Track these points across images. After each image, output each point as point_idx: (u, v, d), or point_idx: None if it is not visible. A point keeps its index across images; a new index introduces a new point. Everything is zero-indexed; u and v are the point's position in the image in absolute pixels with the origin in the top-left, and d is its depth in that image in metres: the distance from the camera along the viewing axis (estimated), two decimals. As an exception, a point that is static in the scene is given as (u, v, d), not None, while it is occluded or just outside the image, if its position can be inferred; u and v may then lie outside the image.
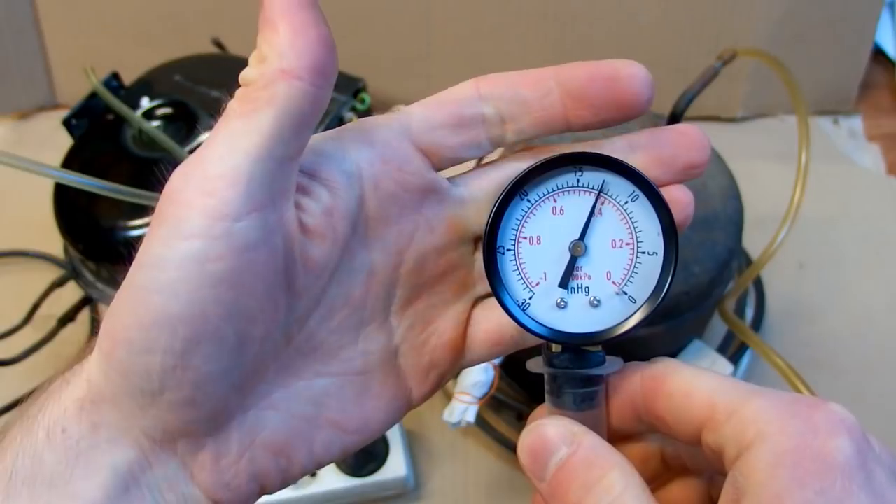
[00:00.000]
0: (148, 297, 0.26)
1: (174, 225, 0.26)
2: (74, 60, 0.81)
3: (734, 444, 0.27)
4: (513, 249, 0.32)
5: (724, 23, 0.82)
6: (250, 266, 0.27)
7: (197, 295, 0.26)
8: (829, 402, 0.27)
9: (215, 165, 0.26)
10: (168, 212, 0.26)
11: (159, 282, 0.26)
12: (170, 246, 0.26)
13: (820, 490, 0.24)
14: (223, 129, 0.27)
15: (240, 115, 0.27)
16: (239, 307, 0.27)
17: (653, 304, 0.31)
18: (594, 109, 0.30)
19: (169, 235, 0.26)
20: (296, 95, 0.27)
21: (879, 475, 0.26)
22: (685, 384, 0.29)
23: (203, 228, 0.26)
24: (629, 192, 0.31)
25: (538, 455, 0.30)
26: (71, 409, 0.28)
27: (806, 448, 0.25)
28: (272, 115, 0.27)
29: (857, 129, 0.88)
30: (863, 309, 0.73)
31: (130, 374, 0.27)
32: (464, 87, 0.32)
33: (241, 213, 0.26)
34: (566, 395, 0.31)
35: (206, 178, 0.26)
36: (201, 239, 0.26)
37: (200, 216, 0.26)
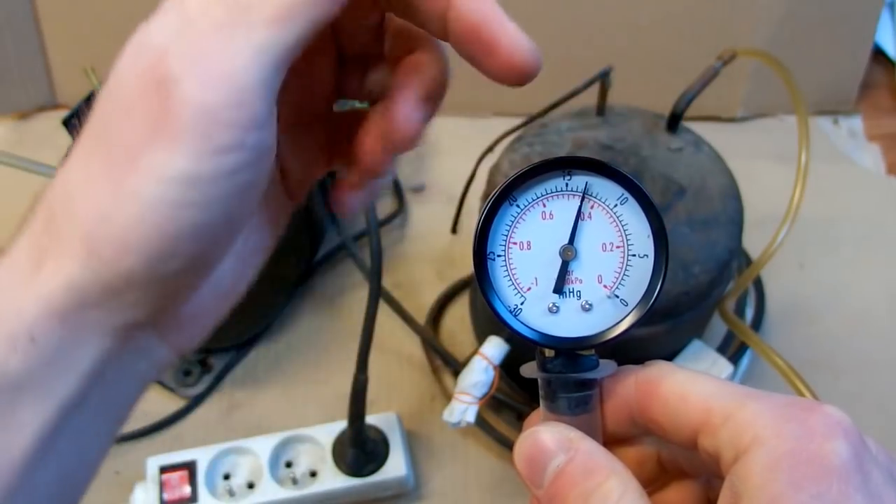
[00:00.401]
0: (176, 212, 0.26)
1: (204, 140, 0.26)
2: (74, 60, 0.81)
3: (731, 448, 0.27)
4: (503, 255, 0.32)
5: (724, 23, 0.82)
6: (266, 169, 0.28)
7: (227, 205, 0.27)
8: (825, 404, 0.27)
9: (243, 77, 0.26)
10: (192, 125, 0.25)
11: (192, 197, 0.26)
12: (202, 162, 0.26)
13: (816, 493, 0.24)
14: (244, 32, 0.26)
15: (267, 22, 0.26)
16: (254, 207, 0.28)
17: (645, 306, 0.31)
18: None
19: (200, 151, 0.26)
20: (323, 9, 0.27)
21: (876, 477, 0.26)
22: (680, 388, 0.30)
23: (238, 142, 0.26)
24: (618, 195, 0.32)
25: (534, 462, 0.29)
26: (41, 316, 0.27)
27: (802, 451, 0.25)
28: (300, 28, 0.26)
29: (857, 129, 0.88)
30: (863, 309, 0.73)
31: (139, 279, 0.27)
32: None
33: (267, 122, 0.27)
34: (560, 400, 0.31)
35: (235, 89, 0.26)
36: (237, 152, 0.26)
37: (235, 131, 0.26)
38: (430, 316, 0.71)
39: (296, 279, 0.73)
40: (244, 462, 0.61)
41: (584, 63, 0.64)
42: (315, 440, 0.61)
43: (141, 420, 0.66)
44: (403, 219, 0.80)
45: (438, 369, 0.68)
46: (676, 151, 0.60)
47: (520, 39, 0.28)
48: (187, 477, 0.59)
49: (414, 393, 0.68)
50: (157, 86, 0.26)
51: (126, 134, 0.26)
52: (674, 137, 0.61)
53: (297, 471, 0.60)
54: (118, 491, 0.62)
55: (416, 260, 0.76)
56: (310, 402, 0.67)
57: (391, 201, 0.81)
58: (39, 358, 0.27)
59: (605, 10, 0.82)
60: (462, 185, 0.73)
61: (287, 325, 0.72)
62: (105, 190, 0.26)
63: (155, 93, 0.26)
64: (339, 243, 0.75)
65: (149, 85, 0.26)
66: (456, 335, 0.71)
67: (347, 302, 0.73)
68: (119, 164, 0.26)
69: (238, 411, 0.67)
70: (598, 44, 0.83)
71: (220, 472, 0.61)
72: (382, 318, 0.60)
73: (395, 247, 0.77)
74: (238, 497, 0.59)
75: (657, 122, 0.62)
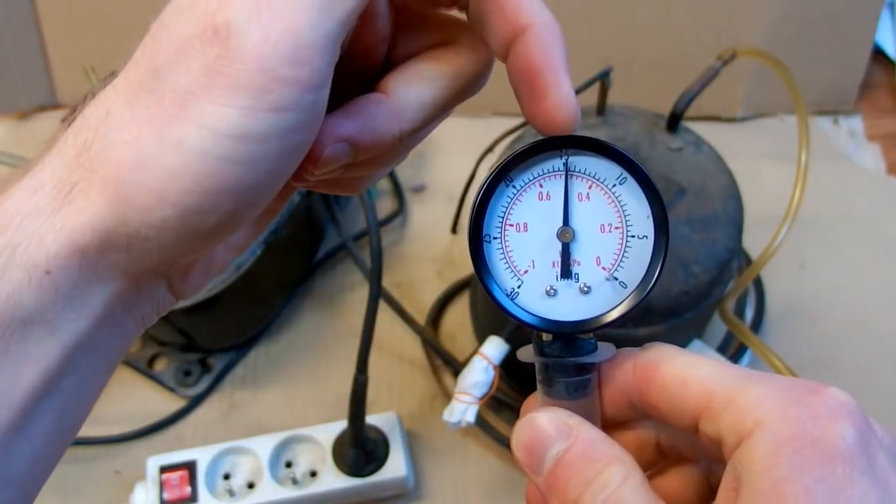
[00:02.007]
0: (222, 167, 0.25)
1: (261, 96, 0.25)
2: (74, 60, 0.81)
3: (733, 433, 0.26)
4: (499, 237, 0.31)
5: (724, 23, 0.82)
6: (316, 131, 0.27)
7: (274, 165, 0.26)
8: (830, 386, 0.27)
9: (308, 33, 0.25)
10: (249, 78, 0.25)
11: (240, 153, 0.25)
12: (256, 118, 0.25)
13: (820, 477, 0.24)
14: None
15: None
16: (296, 167, 0.27)
17: (644, 288, 0.31)
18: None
19: (255, 107, 0.25)
20: None
21: (882, 461, 0.25)
22: (679, 372, 0.29)
23: (294, 101, 0.25)
24: (616, 175, 0.31)
25: (534, 449, 0.29)
26: (63, 251, 0.26)
27: (806, 435, 0.25)
28: None
29: (857, 129, 0.88)
30: (863, 309, 0.73)
31: (170, 231, 0.26)
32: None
33: (325, 82, 0.26)
34: (558, 385, 0.31)
35: (298, 46, 0.25)
36: (292, 112, 0.25)
37: (293, 89, 0.25)
38: (430, 316, 0.71)
39: (296, 279, 0.73)
40: (244, 462, 0.61)
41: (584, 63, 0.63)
42: (315, 440, 0.61)
43: (141, 420, 0.66)
44: (403, 219, 0.80)
45: (438, 369, 0.68)
46: (676, 151, 0.60)
47: (569, 98, 0.29)
48: (187, 477, 0.59)
49: (414, 393, 0.68)
50: (216, 32, 0.25)
51: (177, 78, 0.25)
52: (674, 137, 0.61)
53: (297, 471, 0.60)
54: (118, 491, 0.62)
55: (416, 260, 0.76)
56: (310, 402, 0.67)
57: (391, 201, 0.81)
58: (53, 293, 0.26)
59: (604, 10, 0.82)
60: (462, 185, 0.73)
61: (287, 325, 0.72)
62: (148, 134, 0.25)
63: (213, 39, 0.25)
64: (339, 243, 0.75)
65: (207, 30, 0.25)
66: (456, 335, 0.71)
67: (347, 302, 0.73)
68: (166, 108, 0.25)
69: (238, 411, 0.67)
70: (598, 44, 0.83)
71: (220, 472, 0.61)
72: (382, 318, 0.60)
73: (395, 247, 0.77)
74: (238, 497, 0.59)
75: (657, 122, 0.62)
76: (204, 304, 0.62)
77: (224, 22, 0.25)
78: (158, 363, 0.69)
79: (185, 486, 0.59)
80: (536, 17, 0.28)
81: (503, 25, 0.29)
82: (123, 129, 0.26)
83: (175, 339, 0.69)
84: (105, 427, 0.65)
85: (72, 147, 0.27)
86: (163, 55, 0.26)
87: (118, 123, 0.26)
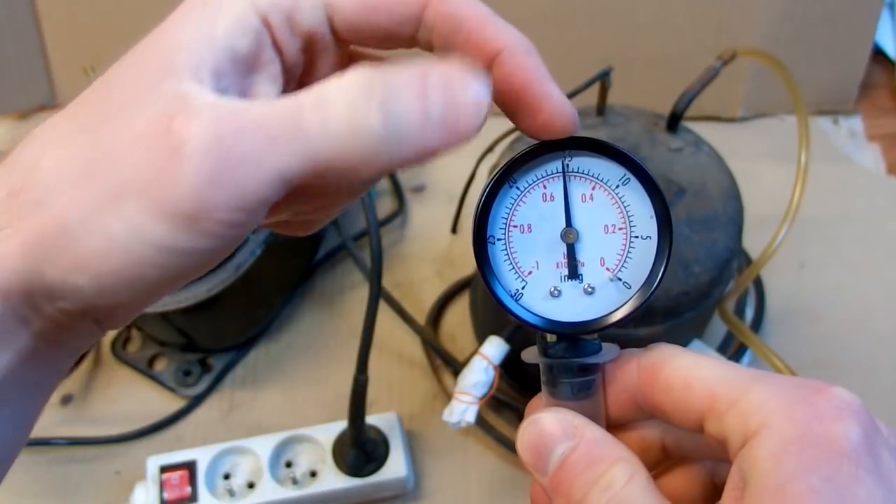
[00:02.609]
0: (143, 265, 0.25)
1: (190, 223, 0.25)
2: (74, 60, 0.81)
3: (738, 433, 0.26)
4: (503, 239, 0.31)
5: (724, 23, 0.82)
6: (239, 243, 0.28)
7: (193, 270, 0.26)
8: (834, 385, 0.27)
9: (255, 191, 0.25)
10: (184, 206, 0.24)
11: (161, 261, 0.25)
12: (182, 238, 0.25)
13: (826, 477, 0.24)
14: (271, 161, 0.25)
15: (293, 153, 0.25)
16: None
17: (648, 289, 0.31)
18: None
19: (186, 228, 0.25)
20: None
21: (887, 460, 0.25)
22: (684, 373, 0.29)
23: (223, 234, 0.26)
24: (620, 176, 0.31)
25: (539, 450, 0.29)
26: None
27: (811, 434, 0.25)
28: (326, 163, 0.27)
29: (857, 129, 0.88)
30: (863, 309, 0.73)
31: (86, 297, 0.26)
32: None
33: (259, 221, 0.27)
34: (563, 385, 0.31)
35: (245, 198, 0.25)
36: (220, 238, 0.25)
37: (225, 226, 0.25)
38: (430, 316, 0.71)
39: (296, 279, 0.73)
40: (244, 462, 0.61)
41: (584, 63, 0.64)
42: (315, 440, 0.61)
43: (141, 420, 0.66)
44: (403, 219, 0.80)
45: (438, 369, 0.68)
46: (676, 151, 0.60)
47: (563, 104, 0.29)
48: (187, 477, 0.59)
49: (414, 393, 0.68)
50: (168, 145, 0.25)
51: (118, 164, 0.25)
52: (674, 137, 0.61)
53: (297, 471, 0.60)
54: (118, 491, 0.62)
55: (416, 260, 0.76)
56: (310, 402, 0.67)
57: (391, 201, 0.81)
58: None
59: (604, 10, 0.82)
60: (462, 185, 0.73)
61: (287, 325, 0.72)
62: (76, 211, 0.25)
63: (163, 147, 0.25)
64: (339, 243, 0.75)
65: (159, 135, 0.25)
66: (456, 335, 0.71)
67: (347, 302, 0.73)
68: (100, 191, 0.25)
69: (238, 411, 0.67)
70: (598, 44, 0.83)
71: (220, 472, 0.61)
72: (382, 318, 0.60)
73: (395, 247, 0.77)
74: (238, 497, 0.59)
75: (657, 122, 0.62)
76: (204, 304, 0.62)
77: (184, 138, 0.24)
78: (158, 363, 0.69)
79: (185, 485, 0.59)
80: (505, 40, 0.28)
81: (474, 55, 0.28)
82: (52, 189, 0.26)
83: (175, 339, 0.69)
84: (105, 427, 0.65)
85: (4, 186, 0.26)
86: (109, 128, 0.26)
87: (48, 180, 0.26)
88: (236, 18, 0.27)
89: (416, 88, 0.25)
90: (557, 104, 0.29)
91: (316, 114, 0.25)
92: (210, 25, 0.26)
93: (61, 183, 0.26)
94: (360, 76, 0.25)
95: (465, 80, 0.26)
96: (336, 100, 0.25)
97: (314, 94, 0.25)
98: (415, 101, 0.25)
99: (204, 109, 0.25)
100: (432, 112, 0.25)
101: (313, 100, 0.25)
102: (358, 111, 0.25)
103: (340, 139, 0.25)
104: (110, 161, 0.25)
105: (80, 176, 0.25)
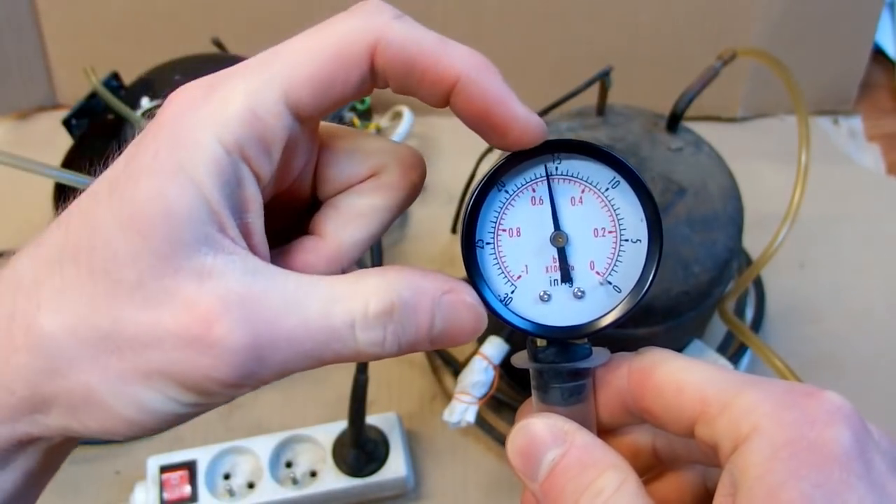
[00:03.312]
0: (165, 419, 0.28)
1: (210, 397, 0.28)
2: (74, 60, 0.81)
3: (729, 438, 0.26)
4: (492, 243, 0.31)
5: (724, 23, 0.82)
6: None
7: (189, 418, 0.29)
8: (826, 390, 0.26)
9: (260, 375, 0.28)
10: (210, 387, 0.27)
11: (180, 417, 0.28)
12: (203, 404, 0.28)
13: (817, 482, 0.24)
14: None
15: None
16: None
17: (638, 293, 0.30)
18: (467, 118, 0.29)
19: (204, 402, 0.28)
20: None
21: (879, 465, 0.25)
22: (675, 378, 0.29)
23: (217, 399, 0.29)
24: (609, 179, 0.30)
25: (529, 456, 0.29)
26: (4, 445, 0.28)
27: (802, 439, 0.25)
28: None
29: (857, 129, 0.88)
30: (863, 309, 0.73)
31: (82, 435, 0.28)
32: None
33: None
34: (553, 390, 0.31)
35: (256, 375, 0.28)
36: (215, 401, 0.29)
37: (237, 393, 0.29)
38: (430, 316, 0.71)
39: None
40: (244, 462, 0.61)
41: (584, 63, 0.64)
42: (315, 440, 0.61)
43: (141, 420, 0.66)
44: (403, 219, 0.80)
45: (438, 369, 0.68)
46: (676, 151, 0.60)
47: (528, 120, 0.29)
48: (187, 477, 0.59)
49: (414, 393, 0.68)
50: (203, 337, 0.26)
51: (149, 345, 0.26)
52: (674, 137, 0.61)
53: (297, 471, 0.60)
54: (118, 490, 0.62)
55: (416, 260, 0.76)
56: (310, 402, 0.67)
57: (391, 201, 0.81)
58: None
59: (605, 9, 0.82)
60: (462, 185, 0.73)
61: (287, 325, 0.72)
62: (107, 376, 0.26)
63: (198, 342, 0.26)
64: (339, 243, 0.75)
65: (194, 329, 0.26)
66: (456, 335, 0.71)
67: (347, 302, 0.73)
68: (133, 364, 0.26)
69: (238, 411, 0.67)
70: (598, 44, 0.83)
71: (220, 471, 0.61)
72: (382, 318, 0.60)
73: (395, 247, 0.77)
74: (238, 497, 0.59)
75: (657, 122, 0.62)
76: (204, 304, 0.62)
77: (214, 338, 0.26)
78: (158, 363, 0.69)
79: (185, 485, 0.59)
80: (459, 67, 0.28)
81: (432, 90, 0.28)
82: (65, 358, 0.26)
83: (175, 339, 0.69)
84: (105, 427, 0.65)
85: (4, 314, 0.27)
86: (122, 304, 0.26)
87: (57, 348, 0.26)
88: (219, 175, 0.26)
89: (428, 312, 0.28)
90: (522, 122, 0.28)
91: (339, 343, 0.27)
92: (196, 190, 0.26)
93: (76, 354, 0.26)
94: (381, 300, 0.28)
95: (467, 301, 0.29)
96: (359, 325, 0.27)
97: (341, 320, 0.27)
98: (424, 323, 0.28)
99: (230, 298, 0.26)
100: (435, 330, 0.29)
101: (341, 324, 0.27)
102: (373, 335, 0.28)
103: (356, 353, 0.28)
104: (134, 341, 0.26)
105: (98, 351, 0.26)
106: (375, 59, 0.28)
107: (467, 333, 0.29)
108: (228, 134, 0.26)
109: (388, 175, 0.31)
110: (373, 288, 0.28)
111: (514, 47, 0.84)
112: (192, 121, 0.26)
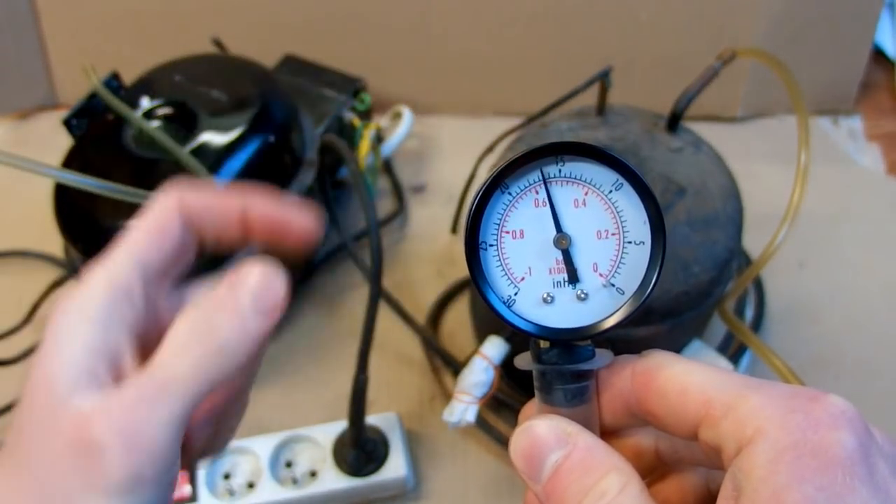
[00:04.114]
0: None
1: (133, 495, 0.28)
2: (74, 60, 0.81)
3: (733, 441, 0.26)
4: (496, 245, 0.31)
5: (724, 23, 0.82)
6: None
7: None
8: (830, 394, 0.26)
9: (162, 442, 0.29)
10: (121, 486, 0.28)
11: None
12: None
13: (820, 486, 0.24)
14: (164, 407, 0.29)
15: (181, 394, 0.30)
16: None
17: (641, 295, 0.31)
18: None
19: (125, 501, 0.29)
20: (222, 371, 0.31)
21: (882, 468, 0.25)
22: (678, 380, 0.29)
23: (156, 488, 0.29)
24: (612, 181, 0.30)
25: (532, 457, 0.29)
26: None
27: (806, 443, 0.25)
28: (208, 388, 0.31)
29: (857, 129, 0.88)
30: (863, 309, 0.73)
31: None
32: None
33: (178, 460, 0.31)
34: (556, 392, 0.31)
35: (156, 453, 0.29)
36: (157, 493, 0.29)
37: (154, 484, 0.29)
38: (430, 316, 0.71)
39: (296, 279, 0.73)
40: (244, 462, 0.61)
41: (584, 63, 0.64)
42: (315, 440, 0.61)
43: (141, 420, 0.66)
44: (403, 219, 0.80)
45: (438, 369, 0.68)
46: (676, 151, 0.60)
47: (302, 219, 0.34)
48: (187, 476, 0.59)
49: (414, 393, 0.68)
50: (86, 447, 0.28)
51: (58, 479, 0.28)
52: (674, 137, 0.61)
53: (297, 471, 0.60)
54: (118, 491, 0.62)
55: (416, 260, 0.76)
56: (310, 402, 0.67)
57: (391, 201, 0.81)
58: None
59: (605, 9, 0.82)
60: (462, 185, 0.73)
61: (287, 325, 0.72)
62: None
63: (84, 454, 0.28)
64: (339, 243, 0.75)
65: (76, 443, 0.28)
66: (456, 335, 0.71)
67: (347, 302, 0.73)
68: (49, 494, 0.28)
69: (238, 411, 0.67)
70: (598, 44, 0.83)
71: (220, 471, 0.61)
72: (382, 318, 0.60)
73: (395, 247, 0.77)
74: (238, 497, 0.59)
75: (657, 122, 0.62)
76: (204, 304, 0.62)
77: (91, 439, 0.28)
78: (158, 363, 0.69)
79: (184, 485, 0.59)
80: (239, 204, 0.34)
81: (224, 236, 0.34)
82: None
83: (175, 339, 0.69)
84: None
85: None
86: (38, 449, 0.28)
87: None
88: (99, 331, 0.30)
89: (232, 310, 0.31)
90: (300, 222, 0.34)
91: (161, 392, 0.29)
92: (72, 348, 0.29)
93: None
94: (190, 330, 0.30)
95: (263, 279, 0.32)
96: (177, 365, 0.29)
97: (157, 367, 0.29)
98: (235, 321, 0.31)
99: (95, 415, 0.28)
100: (248, 320, 0.31)
101: (158, 372, 0.29)
102: (198, 361, 0.30)
103: (194, 384, 0.29)
104: (50, 478, 0.28)
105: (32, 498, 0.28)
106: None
107: (274, 299, 0.33)
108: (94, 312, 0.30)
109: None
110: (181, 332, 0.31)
111: (514, 47, 0.84)
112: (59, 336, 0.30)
